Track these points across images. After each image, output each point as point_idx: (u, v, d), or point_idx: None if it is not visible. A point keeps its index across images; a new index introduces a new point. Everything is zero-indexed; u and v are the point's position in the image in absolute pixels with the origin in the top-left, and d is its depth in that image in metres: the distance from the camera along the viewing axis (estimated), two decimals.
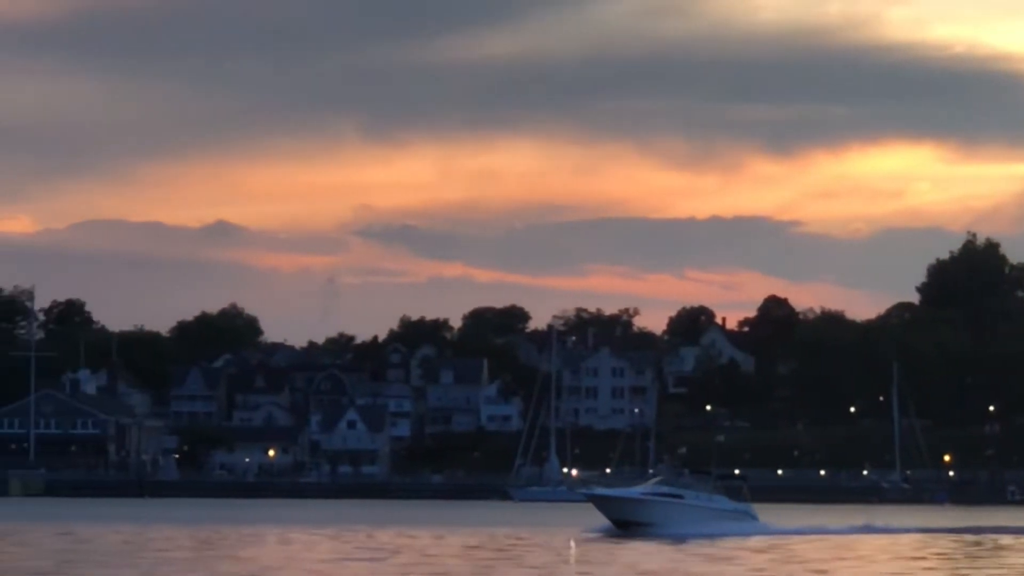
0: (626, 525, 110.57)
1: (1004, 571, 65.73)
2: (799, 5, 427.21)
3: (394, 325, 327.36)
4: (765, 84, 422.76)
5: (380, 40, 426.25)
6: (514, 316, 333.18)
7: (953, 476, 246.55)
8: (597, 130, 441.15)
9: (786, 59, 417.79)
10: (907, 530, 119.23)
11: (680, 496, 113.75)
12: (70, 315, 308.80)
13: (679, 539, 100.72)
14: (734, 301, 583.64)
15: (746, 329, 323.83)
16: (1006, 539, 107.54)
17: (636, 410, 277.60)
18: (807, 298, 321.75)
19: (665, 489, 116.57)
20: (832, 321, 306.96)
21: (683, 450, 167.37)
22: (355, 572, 64.97)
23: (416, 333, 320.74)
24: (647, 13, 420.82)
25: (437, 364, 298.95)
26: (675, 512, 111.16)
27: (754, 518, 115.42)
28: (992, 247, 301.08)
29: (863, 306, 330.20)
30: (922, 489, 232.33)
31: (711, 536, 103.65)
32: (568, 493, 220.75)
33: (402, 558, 77.05)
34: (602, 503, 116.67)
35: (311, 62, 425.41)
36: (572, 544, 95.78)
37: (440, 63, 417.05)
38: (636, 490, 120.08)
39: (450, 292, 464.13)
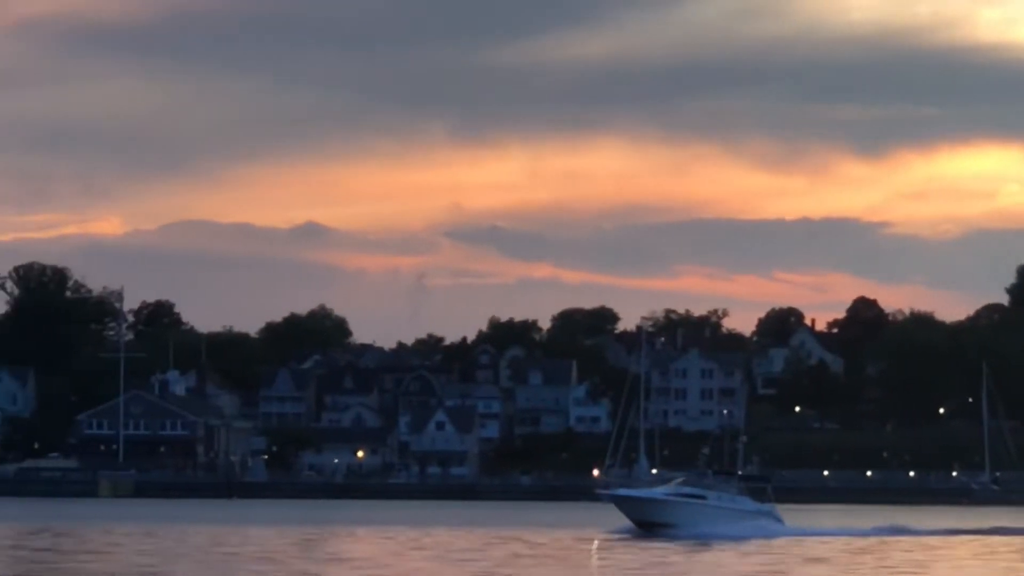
0: (649, 526, 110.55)
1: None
2: (889, 6, 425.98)
3: (483, 326, 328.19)
4: (855, 85, 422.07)
5: (470, 41, 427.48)
6: (603, 317, 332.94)
7: None
8: (686, 131, 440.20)
9: (876, 60, 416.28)
10: (934, 532, 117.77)
11: (703, 497, 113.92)
12: (159, 316, 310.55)
13: (703, 540, 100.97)
14: (823, 302, 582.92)
15: (835, 330, 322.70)
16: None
17: (725, 411, 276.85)
18: (896, 299, 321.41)
19: (688, 490, 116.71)
20: (921, 322, 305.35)
21: (706, 450, 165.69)
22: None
23: (505, 334, 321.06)
24: (737, 14, 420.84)
25: (526, 365, 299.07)
26: (698, 513, 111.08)
27: (778, 519, 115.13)
28: None
29: (952, 307, 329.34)
30: (1011, 490, 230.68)
31: (735, 537, 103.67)
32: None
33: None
34: (624, 504, 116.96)
35: (401, 63, 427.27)
36: (594, 546, 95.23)
37: (530, 64, 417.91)
38: (659, 491, 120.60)
39: (539, 293, 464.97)
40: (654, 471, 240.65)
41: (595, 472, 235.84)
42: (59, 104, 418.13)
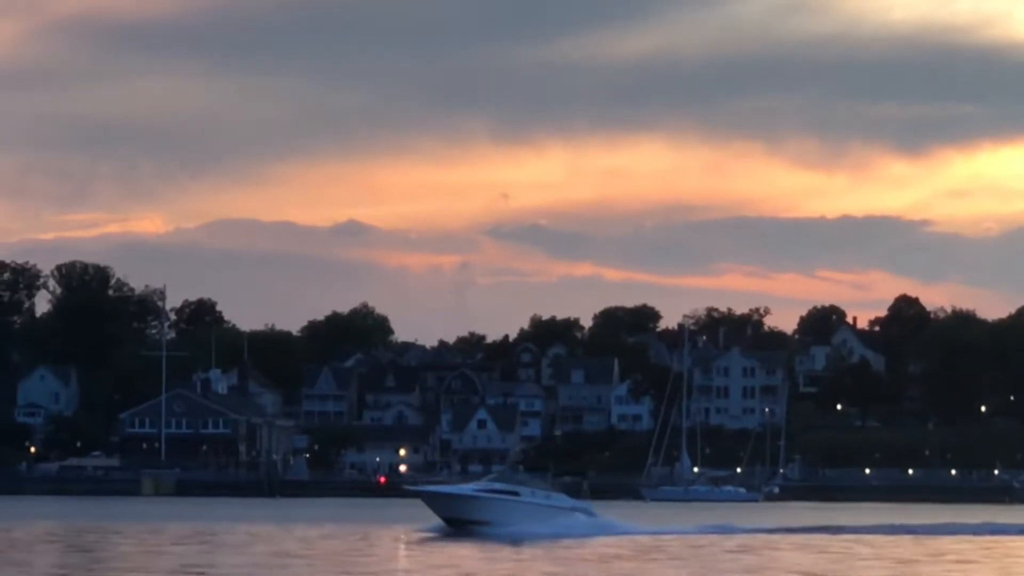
0: (459, 523, 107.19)
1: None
2: (930, 3, 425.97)
3: (525, 324, 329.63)
4: (896, 83, 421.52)
5: (510, 40, 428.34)
6: (644, 315, 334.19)
7: None
8: (726, 129, 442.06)
9: (917, 58, 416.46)
10: (760, 530, 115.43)
11: (516, 493, 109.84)
12: (201, 315, 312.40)
13: (517, 539, 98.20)
14: (865, 300, 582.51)
15: (877, 328, 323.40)
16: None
17: (767, 409, 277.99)
18: (938, 297, 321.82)
19: (499, 486, 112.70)
20: (963, 320, 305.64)
21: (518, 451, 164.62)
22: None
23: (547, 332, 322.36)
24: (777, 11, 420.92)
25: (568, 363, 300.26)
26: (511, 510, 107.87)
27: (593, 516, 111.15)
28: None
29: (994, 305, 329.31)
30: None
31: (549, 535, 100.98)
32: (703, 492, 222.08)
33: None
34: (432, 501, 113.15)
35: (442, 62, 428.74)
36: (401, 545, 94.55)
37: (569, 63, 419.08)
38: (469, 487, 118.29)
39: (580, 291, 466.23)
40: (696, 469, 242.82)
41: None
42: (101, 103, 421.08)
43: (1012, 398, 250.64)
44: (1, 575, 70.68)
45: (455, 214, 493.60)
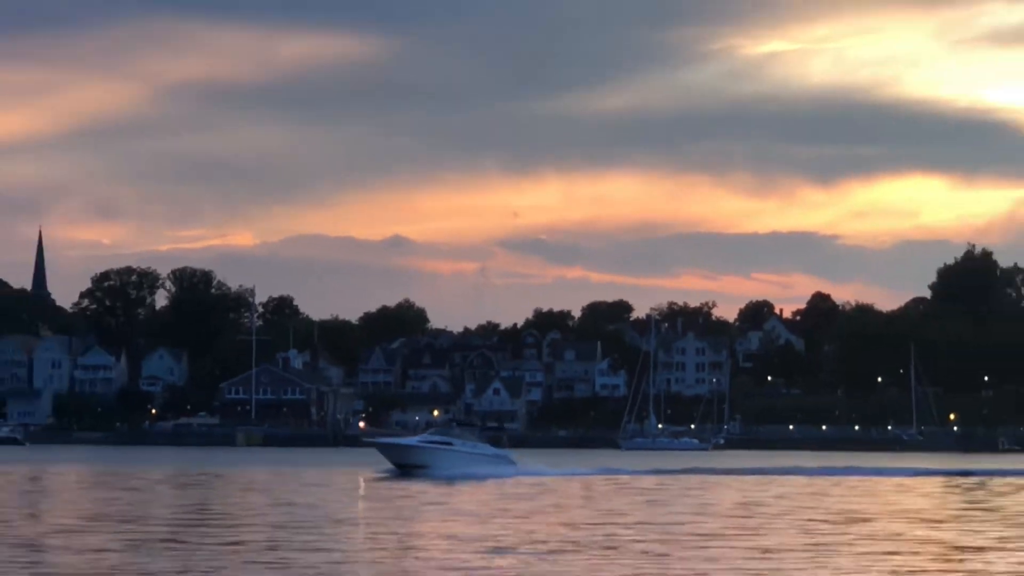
0: (406, 468, 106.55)
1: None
2: (839, 70, 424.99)
3: (529, 315, 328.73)
4: (814, 131, 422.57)
5: (518, 97, 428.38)
6: (621, 308, 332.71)
7: (958, 431, 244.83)
8: (685, 166, 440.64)
9: (830, 111, 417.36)
10: (640, 472, 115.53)
11: (450, 443, 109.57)
12: (282, 308, 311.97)
13: (450, 480, 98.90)
14: (789, 297, 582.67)
15: (798, 318, 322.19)
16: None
17: (714, 380, 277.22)
18: (845, 294, 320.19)
19: (437, 437, 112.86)
20: (864, 312, 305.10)
21: (449, 414, 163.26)
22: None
23: (546, 322, 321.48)
24: (726, 76, 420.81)
25: (562, 346, 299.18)
26: (446, 457, 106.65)
27: (513, 463, 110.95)
28: (987, 255, 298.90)
29: (888, 301, 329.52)
30: (932, 441, 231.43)
31: (476, 477, 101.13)
32: (665, 443, 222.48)
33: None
34: (384, 450, 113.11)
35: (465, 113, 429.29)
36: (361, 483, 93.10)
37: (564, 114, 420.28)
38: (412, 439, 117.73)
39: (572, 290, 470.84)
40: (660, 426, 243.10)
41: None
42: (205, 145, 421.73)
43: (901, 371, 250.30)
44: (134, 498, 71.62)
45: (475, 230, 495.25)
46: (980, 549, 42.91)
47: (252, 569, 34.04)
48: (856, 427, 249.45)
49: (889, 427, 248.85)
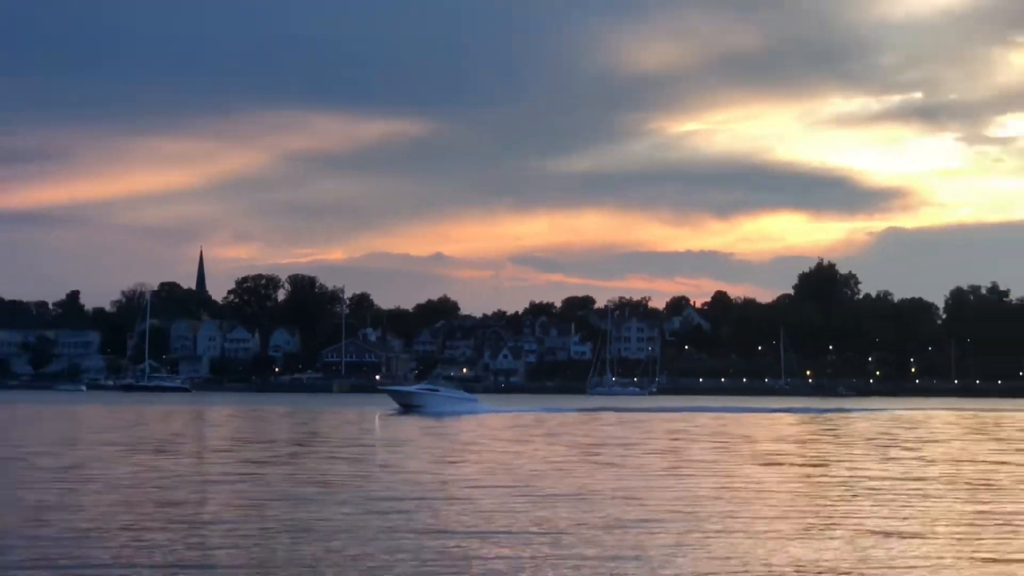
0: (406, 408, 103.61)
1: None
2: (734, 142, 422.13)
3: (527, 306, 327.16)
4: (717, 181, 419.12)
5: (518, 159, 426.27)
6: (588, 301, 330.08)
7: (812, 382, 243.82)
8: (634, 206, 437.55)
9: (728, 169, 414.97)
10: (575, 410, 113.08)
11: (436, 390, 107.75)
12: (362, 301, 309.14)
13: (438, 415, 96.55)
14: (700, 293, 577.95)
15: (706, 308, 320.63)
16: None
17: (649, 349, 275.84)
18: (738, 292, 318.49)
19: (428, 387, 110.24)
20: (750, 304, 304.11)
21: (438, 369, 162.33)
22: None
23: (538, 310, 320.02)
24: (657, 146, 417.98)
25: (548, 326, 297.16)
26: (433, 399, 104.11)
27: (478, 403, 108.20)
28: (831, 266, 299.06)
29: (766, 297, 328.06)
30: (796, 389, 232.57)
31: (455, 413, 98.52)
32: (617, 390, 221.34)
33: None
34: (393, 395, 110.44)
35: (484, 169, 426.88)
36: (376, 419, 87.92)
37: (550, 172, 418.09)
38: (412, 387, 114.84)
39: (556, 290, 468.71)
40: (613, 379, 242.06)
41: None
42: (310, 193, 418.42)
43: (774, 343, 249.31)
44: (264, 425, 72.33)
45: (492, 249, 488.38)
46: (824, 463, 44.72)
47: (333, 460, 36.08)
48: (744, 380, 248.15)
49: (766, 380, 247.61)
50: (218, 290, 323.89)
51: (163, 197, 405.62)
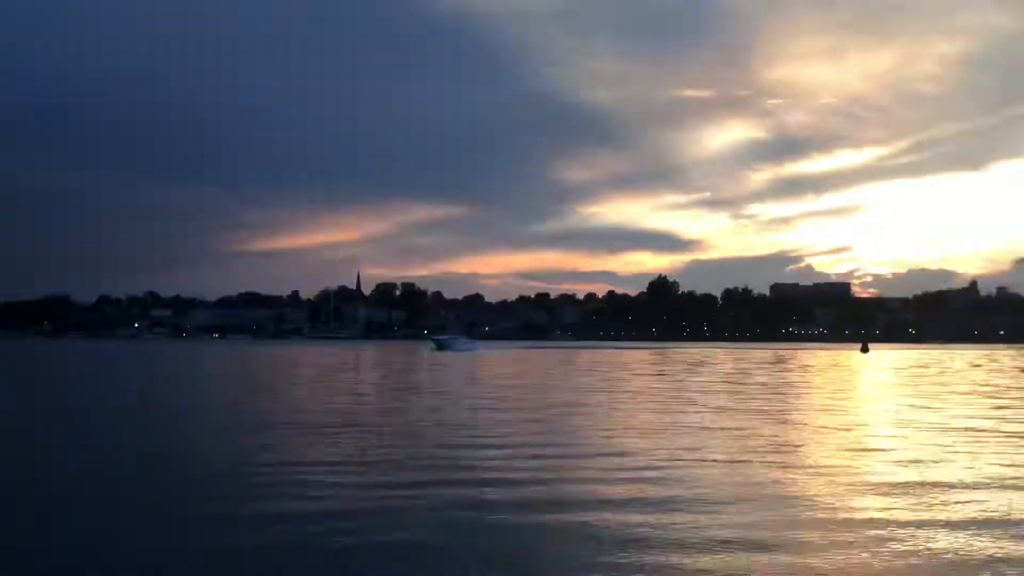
0: (439, 346, 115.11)
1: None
2: (624, 214, 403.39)
3: (517, 297, 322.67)
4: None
5: (512, 226, 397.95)
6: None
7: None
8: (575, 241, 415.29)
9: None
10: (546, 348, 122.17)
11: (455, 338, 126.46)
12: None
13: (457, 351, 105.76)
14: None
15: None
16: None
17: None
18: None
19: (450, 336, 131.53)
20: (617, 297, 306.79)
21: (451, 332, 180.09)
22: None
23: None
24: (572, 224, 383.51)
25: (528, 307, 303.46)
26: (454, 343, 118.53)
27: (476, 346, 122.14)
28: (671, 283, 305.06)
29: (636, 289, 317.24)
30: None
31: (465, 350, 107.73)
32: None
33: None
34: (432, 341, 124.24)
35: (492, 236, 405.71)
36: (426, 355, 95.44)
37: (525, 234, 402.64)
38: (442, 336, 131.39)
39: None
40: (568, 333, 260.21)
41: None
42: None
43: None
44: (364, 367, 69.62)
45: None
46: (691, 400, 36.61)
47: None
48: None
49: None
50: (367, 289, 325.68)
51: (338, 245, 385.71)
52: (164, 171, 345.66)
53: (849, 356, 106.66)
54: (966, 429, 25.57)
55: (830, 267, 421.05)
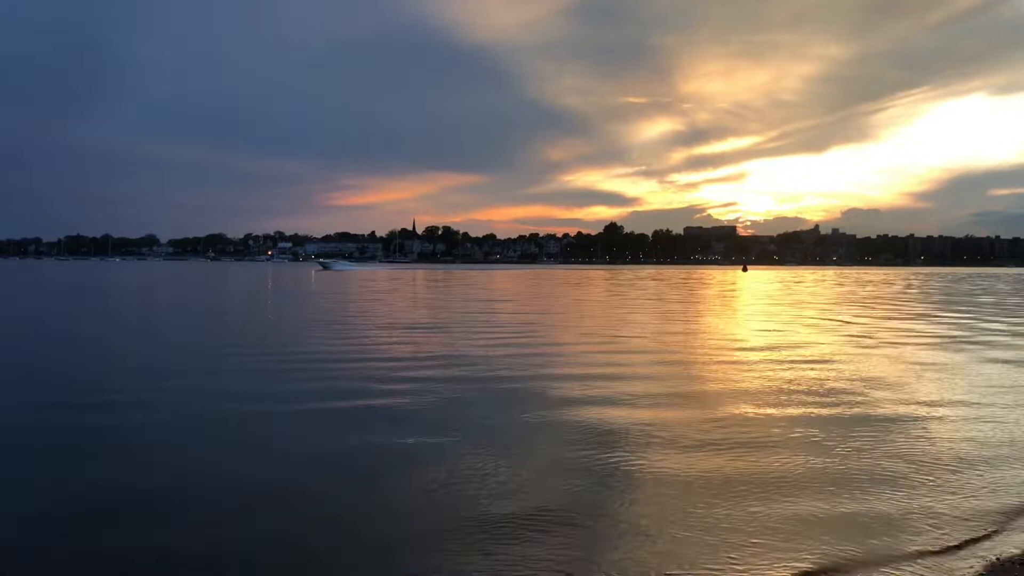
0: (324, 267, 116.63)
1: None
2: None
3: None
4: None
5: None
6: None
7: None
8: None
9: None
10: (408, 268, 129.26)
11: (336, 260, 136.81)
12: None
13: (337, 270, 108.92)
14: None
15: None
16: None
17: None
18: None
19: (332, 260, 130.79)
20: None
21: (335, 259, 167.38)
22: None
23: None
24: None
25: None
26: (335, 264, 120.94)
27: (350, 267, 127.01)
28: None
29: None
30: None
31: (342, 270, 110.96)
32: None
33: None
34: (319, 263, 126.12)
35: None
36: (313, 272, 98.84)
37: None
38: (327, 260, 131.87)
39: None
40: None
41: None
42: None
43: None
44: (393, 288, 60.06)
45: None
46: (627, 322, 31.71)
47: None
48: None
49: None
50: (420, 230, 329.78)
51: (401, 201, 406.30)
52: (294, 149, 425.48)
53: (735, 274, 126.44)
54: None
55: (723, 216, 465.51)
